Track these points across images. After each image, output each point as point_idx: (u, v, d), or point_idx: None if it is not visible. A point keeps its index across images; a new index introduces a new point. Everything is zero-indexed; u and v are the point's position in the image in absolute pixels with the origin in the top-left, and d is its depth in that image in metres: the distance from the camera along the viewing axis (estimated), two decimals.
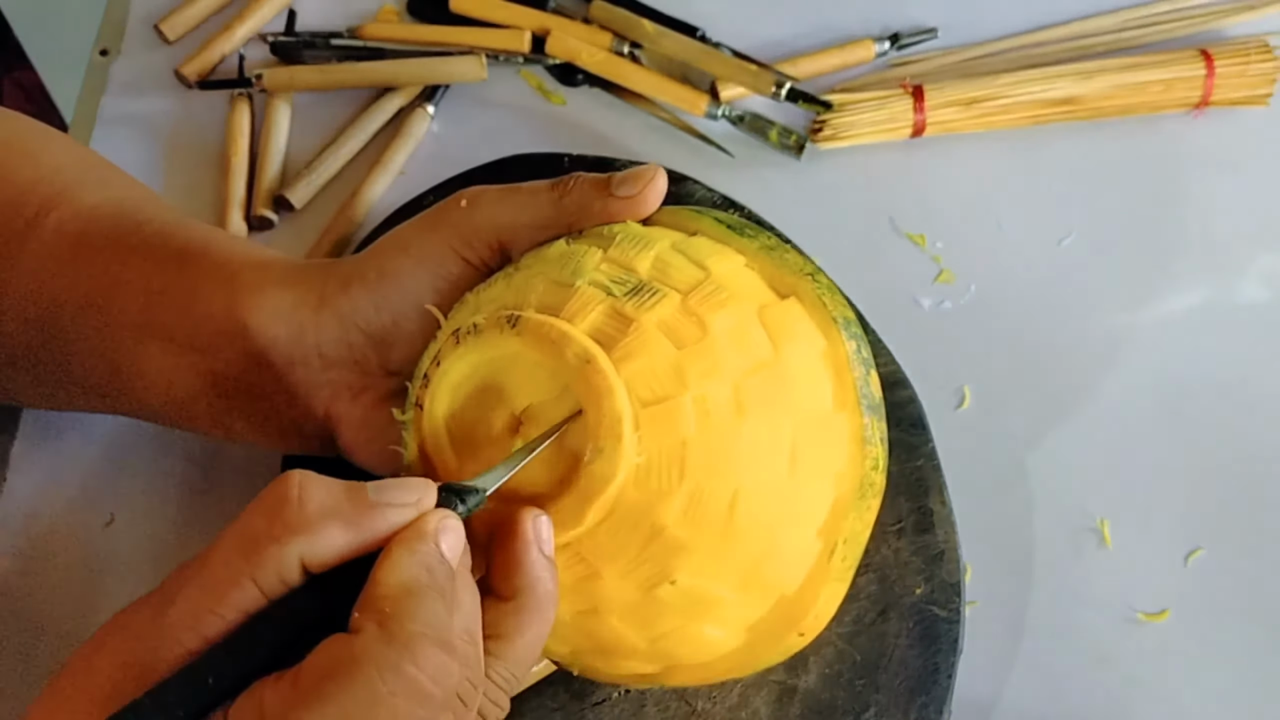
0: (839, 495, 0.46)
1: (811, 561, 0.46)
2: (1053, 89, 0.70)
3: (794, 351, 0.46)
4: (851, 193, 0.69)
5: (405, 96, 0.71)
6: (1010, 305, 0.66)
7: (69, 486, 0.60)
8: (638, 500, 0.43)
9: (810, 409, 0.46)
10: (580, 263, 0.46)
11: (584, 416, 0.43)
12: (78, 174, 0.56)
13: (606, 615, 0.45)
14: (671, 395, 0.43)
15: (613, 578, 0.44)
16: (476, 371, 0.45)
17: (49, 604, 0.58)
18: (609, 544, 0.43)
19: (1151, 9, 0.75)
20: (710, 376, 0.44)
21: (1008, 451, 0.62)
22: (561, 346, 0.43)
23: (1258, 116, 0.72)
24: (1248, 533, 0.61)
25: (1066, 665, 0.58)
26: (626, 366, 0.43)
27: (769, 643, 0.47)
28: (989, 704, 0.57)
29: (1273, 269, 0.68)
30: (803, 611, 0.47)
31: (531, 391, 0.44)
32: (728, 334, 0.45)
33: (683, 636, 0.46)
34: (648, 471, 0.43)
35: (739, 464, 0.44)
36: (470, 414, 0.45)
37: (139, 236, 0.53)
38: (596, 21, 0.73)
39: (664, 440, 0.43)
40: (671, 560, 0.43)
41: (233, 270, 0.51)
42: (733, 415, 0.44)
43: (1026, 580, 0.60)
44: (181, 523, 0.60)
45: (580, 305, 0.44)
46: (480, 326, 0.44)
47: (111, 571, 0.59)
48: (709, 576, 0.44)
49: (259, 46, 0.73)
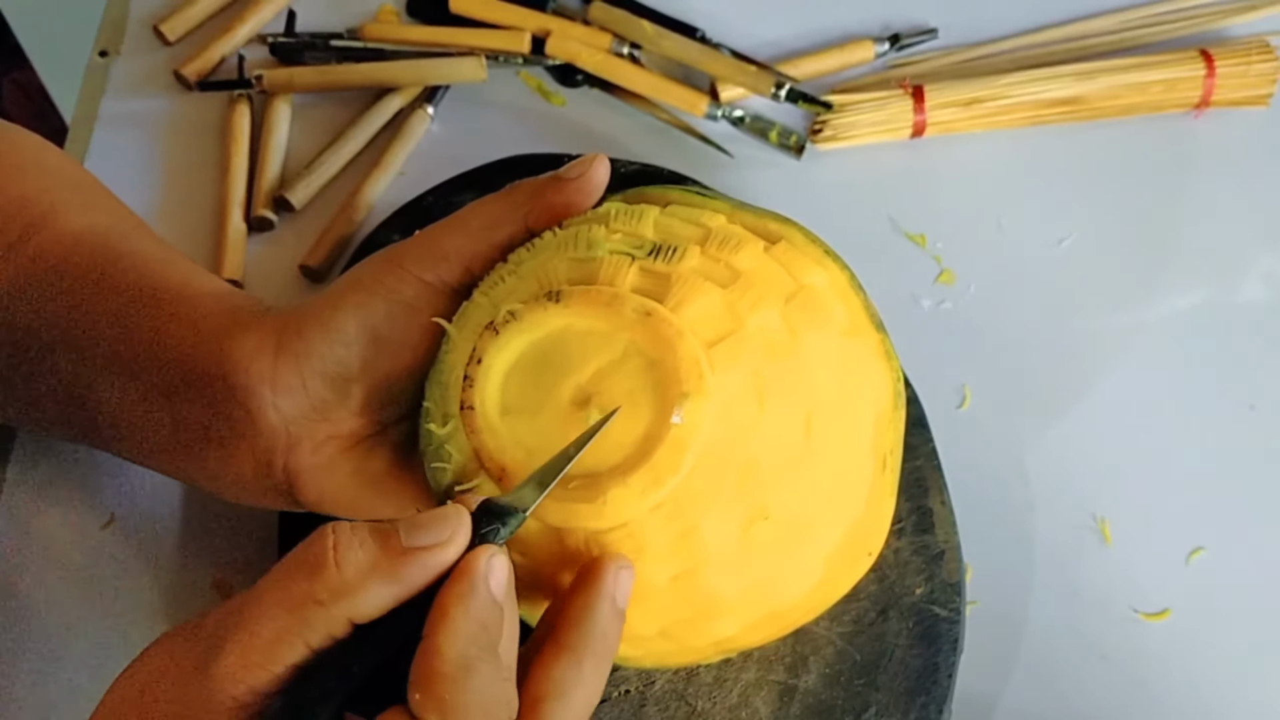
0: (879, 409, 0.47)
1: (869, 478, 0.47)
2: (1053, 89, 0.70)
3: (810, 281, 0.46)
4: (851, 193, 0.70)
5: (405, 97, 0.71)
6: (1010, 305, 0.66)
7: (69, 486, 0.60)
8: (725, 438, 0.43)
9: (841, 330, 0.46)
10: (590, 237, 0.46)
11: (655, 371, 0.42)
12: (64, 195, 0.55)
13: (704, 571, 0.44)
14: (733, 330, 0.43)
15: (710, 527, 0.43)
16: (523, 359, 0.44)
17: (49, 604, 0.58)
18: (703, 489, 0.43)
19: (1152, 9, 0.75)
20: (758, 308, 0.44)
21: (1008, 451, 0.62)
22: (616, 307, 0.42)
23: (1258, 116, 0.72)
24: (1248, 533, 0.61)
25: (1066, 665, 0.58)
26: (683, 312, 0.43)
27: (844, 569, 0.48)
28: (989, 704, 0.57)
29: (1273, 269, 0.68)
30: (869, 529, 0.48)
31: (592, 360, 0.43)
32: (755, 272, 0.45)
33: (774, 576, 0.46)
34: (729, 407, 0.43)
35: (806, 385, 0.44)
36: (528, 401, 0.43)
37: (116, 269, 0.52)
38: (596, 22, 0.73)
39: (738, 373, 0.43)
40: (763, 493, 0.44)
41: (201, 315, 0.50)
42: (789, 339, 0.44)
43: (1026, 580, 0.60)
44: (181, 523, 0.60)
45: (613, 269, 0.44)
46: (518, 311, 0.43)
47: (111, 571, 0.59)
48: (798, 503, 0.44)
49: (259, 47, 0.73)
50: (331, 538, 0.39)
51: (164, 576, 0.59)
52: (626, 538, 0.43)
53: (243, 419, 0.48)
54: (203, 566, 0.59)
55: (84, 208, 0.55)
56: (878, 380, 0.47)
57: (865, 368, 0.47)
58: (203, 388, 0.49)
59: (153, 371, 0.50)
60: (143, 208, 0.67)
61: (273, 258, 0.67)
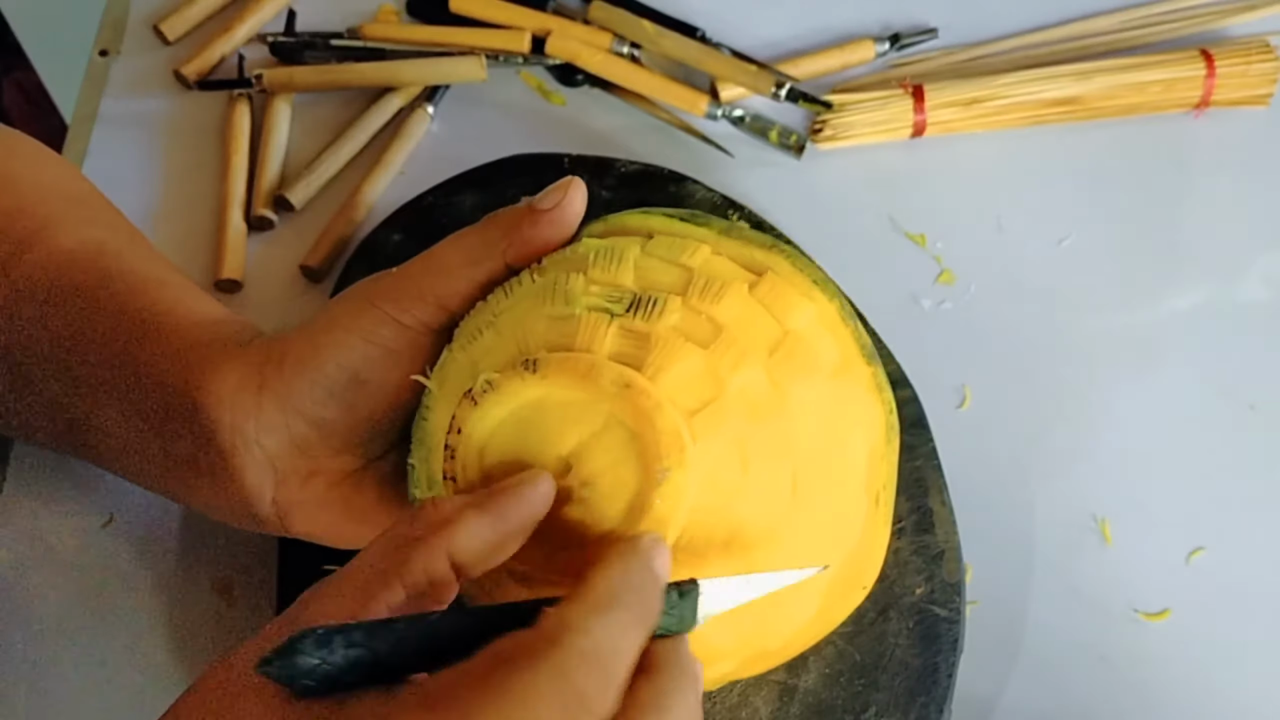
0: (871, 446, 0.47)
1: (864, 514, 0.47)
2: (1053, 89, 0.70)
3: (796, 321, 0.46)
4: (852, 193, 0.69)
5: (405, 97, 0.71)
6: (1010, 305, 0.66)
7: (69, 486, 0.60)
8: (710, 505, 0.43)
9: (829, 369, 0.46)
10: (567, 290, 0.45)
11: (636, 443, 0.42)
12: (60, 207, 0.55)
13: (697, 632, 0.43)
14: (714, 397, 0.43)
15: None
16: (502, 428, 0.43)
17: (49, 604, 0.58)
18: (688, 555, 0.43)
19: (1151, 9, 0.75)
20: (740, 367, 0.44)
21: (1008, 451, 0.62)
22: (594, 378, 0.42)
23: (1258, 116, 0.72)
24: (1248, 533, 0.61)
25: (1066, 665, 0.58)
26: (662, 380, 0.42)
27: (839, 604, 0.48)
28: (989, 704, 0.57)
29: (1273, 269, 0.68)
30: (864, 564, 0.48)
31: (571, 431, 0.43)
32: (738, 322, 0.45)
33: (767, 622, 0.46)
34: (712, 475, 0.43)
35: (791, 442, 0.44)
36: (509, 472, 0.43)
37: (107, 292, 0.51)
38: (596, 22, 0.73)
39: (720, 440, 0.43)
40: (750, 554, 0.43)
41: (189, 343, 0.50)
42: (772, 396, 0.44)
43: (1026, 580, 0.60)
44: (181, 523, 0.60)
45: (590, 332, 0.43)
46: (495, 381, 0.43)
47: (111, 571, 0.59)
48: (786, 558, 0.44)
49: (259, 47, 0.73)
50: (431, 498, 0.40)
51: (164, 576, 0.59)
52: None
53: (230, 453, 0.48)
54: (203, 566, 0.59)
55: (79, 222, 0.55)
56: (869, 417, 0.47)
57: (855, 407, 0.47)
58: (189, 421, 0.49)
59: (141, 400, 0.50)
60: (143, 208, 0.67)
61: (273, 258, 0.67)
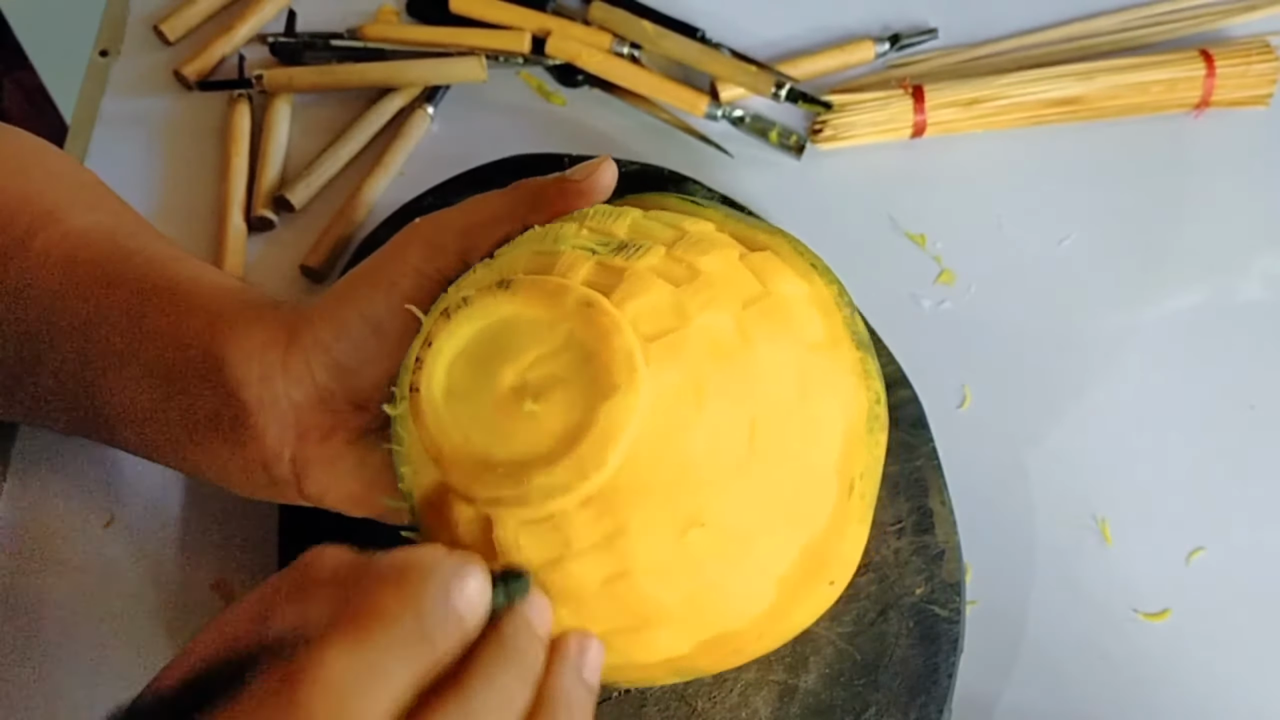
0: (849, 428, 0.46)
1: (832, 499, 0.46)
2: (1053, 89, 0.70)
3: (781, 289, 0.46)
4: (852, 193, 0.70)
5: (405, 97, 0.71)
6: (1010, 305, 0.66)
7: (69, 486, 0.60)
8: (659, 435, 0.42)
9: (808, 341, 0.46)
10: (559, 233, 0.46)
11: (590, 362, 0.42)
12: (69, 193, 0.56)
13: (638, 575, 0.43)
14: (676, 328, 0.43)
15: (641, 528, 0.43)
16: (471, 345, 0.44)
17: (49, 604, 0.58)
18: (634, 488, 0.42)
19: (1152, 9, 0.75)
20: (710, 308, 0.44)
21: (1008, 451, 0.62)
22: (559, 296, 0.42)
23: (1258, 116, 0.72)
24: (1248, 533, 0.61)
25: (1066, 665, 0.58)
26: (627, 306, 0.43)
27: (801, 596, 0.47)
28: (989, 704, 0.57)
29: (1273, 269, 0.68)
30: (830, 556, 0.46)
31: (532, 348, 0.43)
32: (718, 273, 0.45)
33: (717, 589, 0.45)
34: (664, 404, 0.42)
35: (752, 390, 0.44)
36: (470, 386, 0.44)
37: (128, 265, 0.52)
38: (596, 22, 0.73)
39: (676, 371, 0.43)
40: (699, 498, 0.43)
41: (216, 308, 0.51)
42: (739, 343, 0.44)
43: (1026, 580, 0.60)
44: (181, 523, 0.60)
45: (569, 263, 0.44)
46: (470, 298, 0.44)
47: (111, 571, 0.59)
48: (738, 513, 0.44)
49: (259, 47, 0.73)
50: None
51: (164, 576, 0.59)
52: (553, 530, 0.42)
53: (254, 408, 0.49)
54: (203, 566, 0.59)
55: (89, 207, 0.55)
56: (849, 397, 0.46)
57: (833, 382, 0.46)
58: (216, 376, 0.50)
59: (163, 365, 0.50)
60: (143, 207, 0.67)
61: (273, 258, 0.67)
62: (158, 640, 0.57)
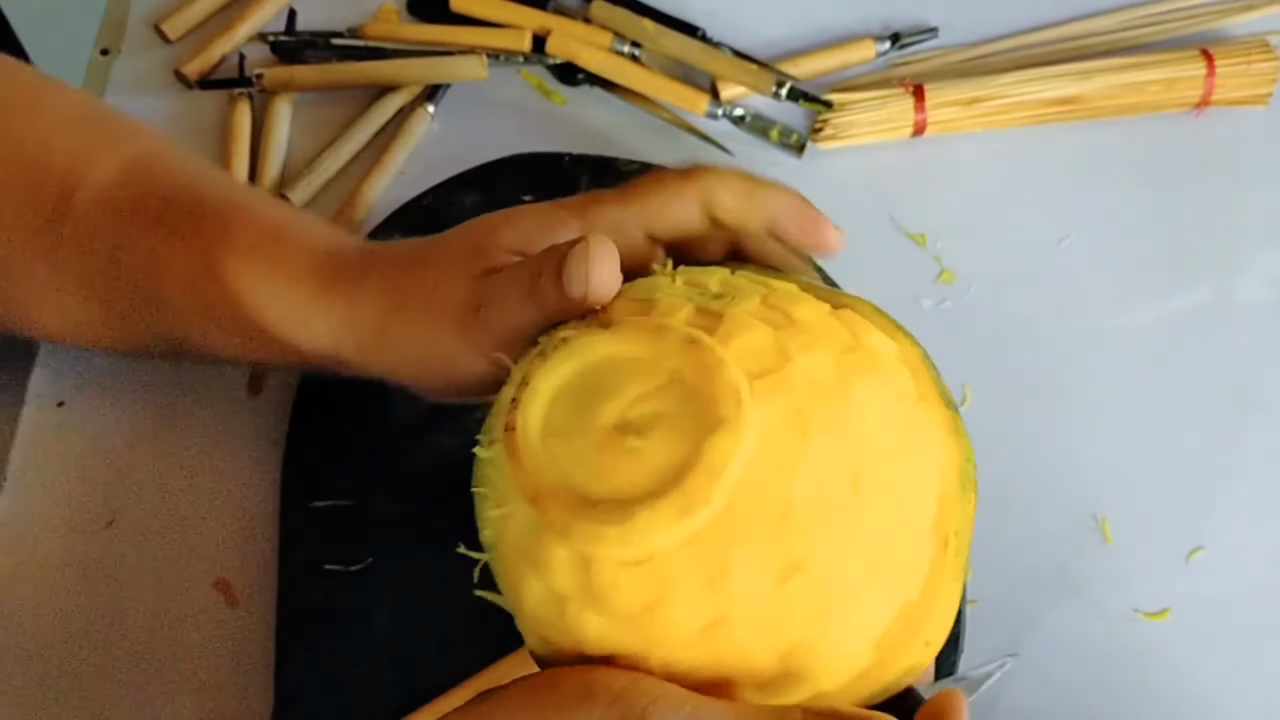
0: (944, 486, 0.45)
1: (930, 556, 0.45)
2: (1053, 89, 0.70)
3: (872, 343, 0.45)
4: (852, 192, 0.69)
5: (405, 96, 0.71)
6: (1010, 305, 0.66)
7: (69, 486, 0.60)
8: (763, 474, 0.41)
9: (901, 392, 0.45)
10: (653, 284, 0.46)
11: (694, 398, 0.41)
12: (82, 139, 0.55)
13: (737, 624, 0.42)
14: (778, 367, 0.42)
15: (744, 570, 0.41)
16: (570, 386, 0.43)
17: (49, 604, 0.58)
18: (738, 529, 0.41)
19: (1151, 8, 0.75)
20: (809, 351, 0.43)
21: (1008, 451, 0.62)
22: (662, 334, 0.42)
23: (1258, 116, 0.72)
24: (1248, 533, 0.61)
25: (1066, 665, 0.58)
26: (730, 345, 0.42)
27: (897, 658, 0.45)
28: (989, 704, 0.57)
29: (1273, 269, 0.68)
30: (927, 615, 0.45)
31: (634, 386, 0.42)
32: (813, 322, 0.44)
33: (813, 649, 0.43)
34: (770, 442, 0.41)
35: (854, 434, 0.43)
36: (569, 425, 0.42)
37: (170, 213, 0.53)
38: (597, 21, 0.73)
39: (780, 408, 0.42)
40: (802, 541, 0.42)
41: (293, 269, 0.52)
42: (839, 386, 0.43)
43: (1026, 580, 0.60)
44: (181, 523, 0.60)
45: (668, 307, 0.44)
46: (569, 338, 0.43)
47: (111, 571, 0.59)
48: (840, 560, 0.42)
49: (259, 46, 0.73)
50: None
51: (164, 576, 0.59)
52: (654, 573, 0.41)
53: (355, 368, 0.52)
54: (203, 566, 0.59)
55: (107, 143, 0.55)
56: (942, 453, 0.45)
57: (928, 436, 0.45)
58: (295, 356, 0.52)
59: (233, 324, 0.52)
60: None
61: None
62: (158, 640, 0.57)
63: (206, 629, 0.57)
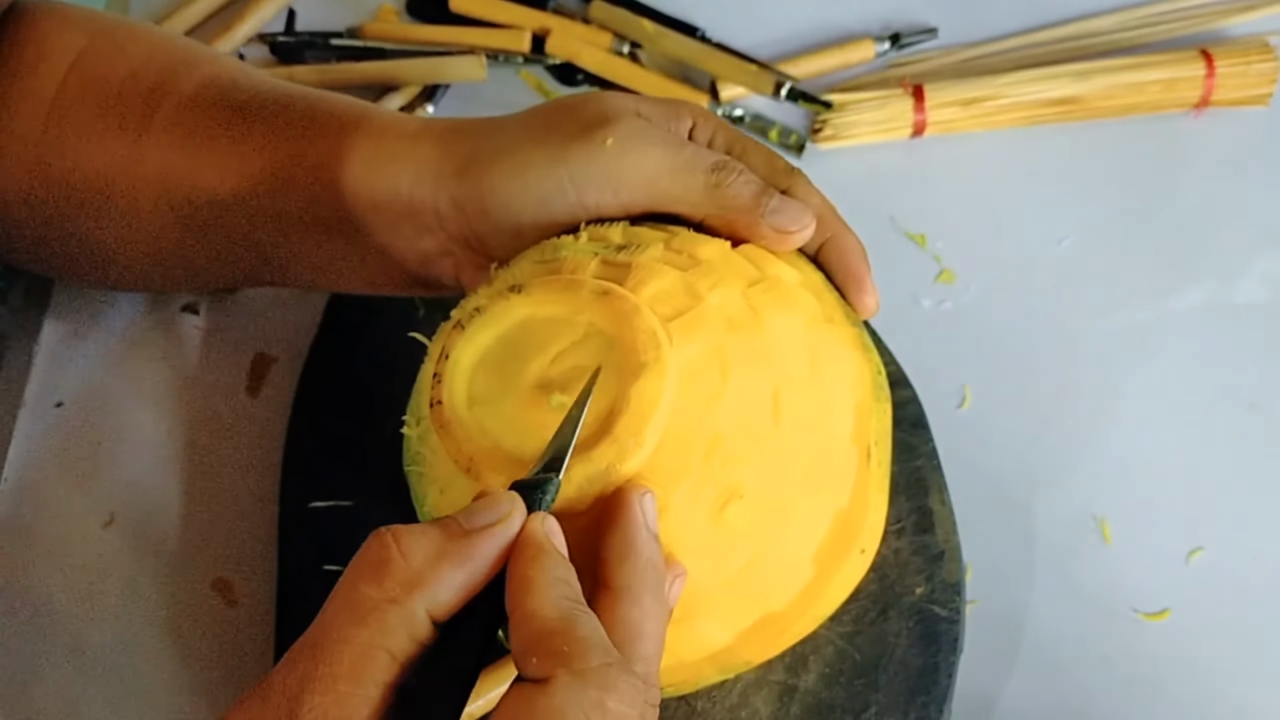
0: (858, 399, 0.47)
1: (854, 467, 0.46)
2: (1052, 89, 0.70)
3: (777, 271, 0.47)
4: (852, 192, 0.69)
5: (405, 96, 0.71)
6: (1010, 305, 0.66)
7: (69, 486, 0.60)
8: (689, 411, 0.43)
9: (808, 315, 0.47)
10: (558, 243, 0.47)
11: (614, 347, 0.42)
12: (166, 60, 0.57)
13: (680, 556, 0.43)
14: (691, 306, 0.44)
15: (682, 506, 0.43)
16: (489, 353, 0.44)
17: (49, 604, 0.58)
18: (671, 467, 0.42)
19: (1151, 9, 0.75)
20: (718, 288, 0.45)
21: (1008, 451, 0.62)
22: (574, 290, 0.43)
23: (1258, 116, 0.72)
24: (1248, 533, 0.61)
25: (1066, 665, 0.58)
26: (641, 291, 0.43)
27: (837, 567, 0.47)
28: (989, 704, 0.57)
29: (1273, 269, 0.68)
30: (859, 523, 0.47)
31: (553, 344, 0.43)
32: (717, 259, 0.46)
33: (758, 567, 0.45)
34: (691, 379, 0.43)
35: (770, 362, 0.44)
36: (493, 391, 0.44)
37: (253, 108, 0.54)
38: (596, 21, 0.73)
39: (698, 346, 0.43)
40: (734, 469, 0.43)
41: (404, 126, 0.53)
42: (751, 318, 0.45)
43: (1026, 580, 0.60)
44: (181, 523, 0.60)
45: (575, 264, 0.45)
46: (482, 306, 0.44)
47: (111, 571, 0.59)
48: (772, 483, 0.44)
49: (259, 46, 0.73)
50: (389, 535, 0.38)
51: (164, 576, 0.59)
52: (595, 522, 0.42)
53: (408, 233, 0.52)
54: (203, 566, 0.59)
55: (187, 65, 0.56)
56: (854, 368, 0.47)
57: (839, 354, 0.47)
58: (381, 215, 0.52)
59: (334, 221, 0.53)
60: None
61: None
62: (158, 640, 0.57)
63: (206, 629, 0.57)
